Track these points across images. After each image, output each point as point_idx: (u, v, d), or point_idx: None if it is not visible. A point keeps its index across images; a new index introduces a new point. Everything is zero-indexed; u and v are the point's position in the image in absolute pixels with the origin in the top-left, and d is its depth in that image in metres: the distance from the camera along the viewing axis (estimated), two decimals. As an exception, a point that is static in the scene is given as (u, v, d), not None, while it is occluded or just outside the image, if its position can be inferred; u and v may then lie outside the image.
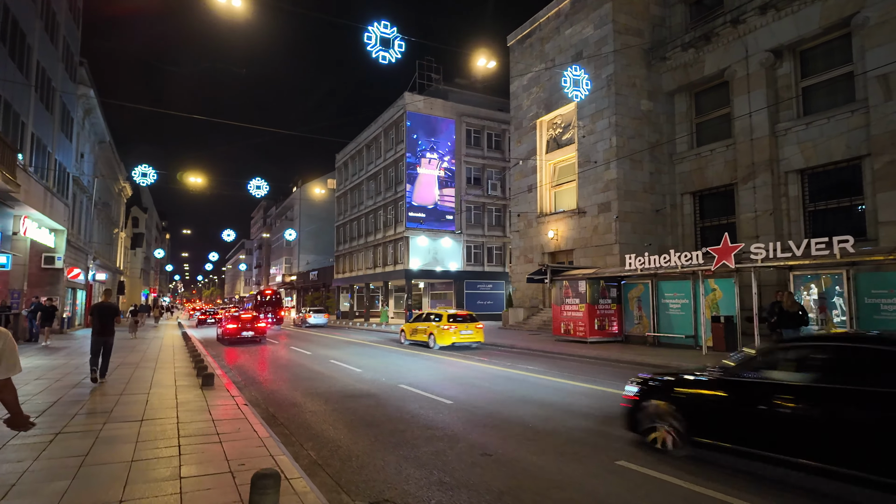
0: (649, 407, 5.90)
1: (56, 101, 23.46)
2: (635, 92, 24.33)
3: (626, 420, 6.21)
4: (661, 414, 5.74)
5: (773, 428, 4.71)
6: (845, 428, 4.28)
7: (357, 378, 11.61)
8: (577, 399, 8.90)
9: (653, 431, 5.81)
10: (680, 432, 5.53)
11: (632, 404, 6.12)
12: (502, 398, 9.02)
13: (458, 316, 18.15)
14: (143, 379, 10.59)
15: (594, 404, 8.45)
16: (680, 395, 5.67)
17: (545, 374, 11.75)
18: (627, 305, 17.87)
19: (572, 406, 8.32)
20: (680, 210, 24.53)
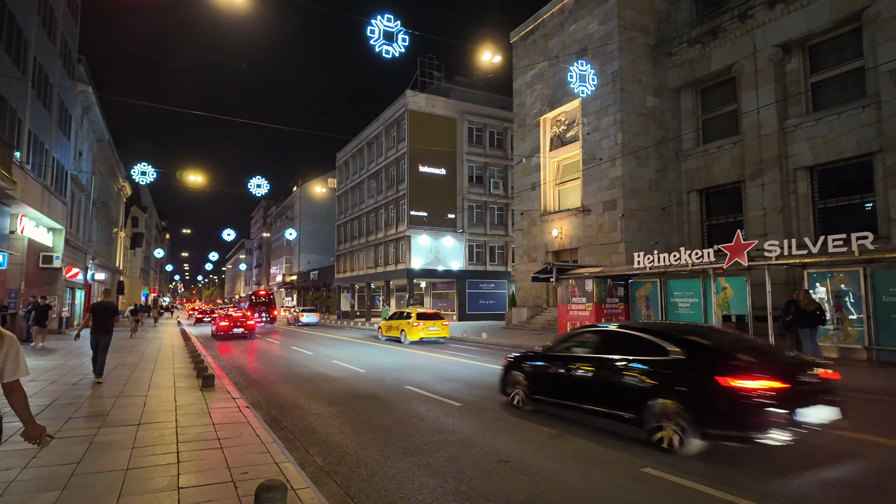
0: (510, 376, 8.10)
1: (54, 97, 23.13)
2: (641, 88, 24.02)
3: (500, 386, 8.41)
4: (517, 381, 7.91)
5: (573, 386, 6.88)
6: (609, 382, 6.33)
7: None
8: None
9: (513, 393, 8.00)
10: (527, 393, 7.69)
11: (502, 375, 8.38)
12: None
13: (426, 314, 20.45)
14: (141, 380, 10.27)
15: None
16: (525, 367, 7.79)
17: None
18: (635, 304, 17.56)
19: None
20: (686, 208, 24.22)
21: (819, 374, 5.49)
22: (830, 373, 5.59)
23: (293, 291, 71.69)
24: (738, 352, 5.75)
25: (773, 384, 5.09)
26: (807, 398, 5.22)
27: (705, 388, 5.35)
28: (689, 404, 5.44)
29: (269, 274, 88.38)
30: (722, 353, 5.76)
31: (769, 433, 4.97)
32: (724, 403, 5.19)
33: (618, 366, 6.28)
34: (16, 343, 2.78)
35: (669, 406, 5.58)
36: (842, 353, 12.34)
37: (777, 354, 6.28)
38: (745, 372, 5.22)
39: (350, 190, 51.06)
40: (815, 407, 5.19)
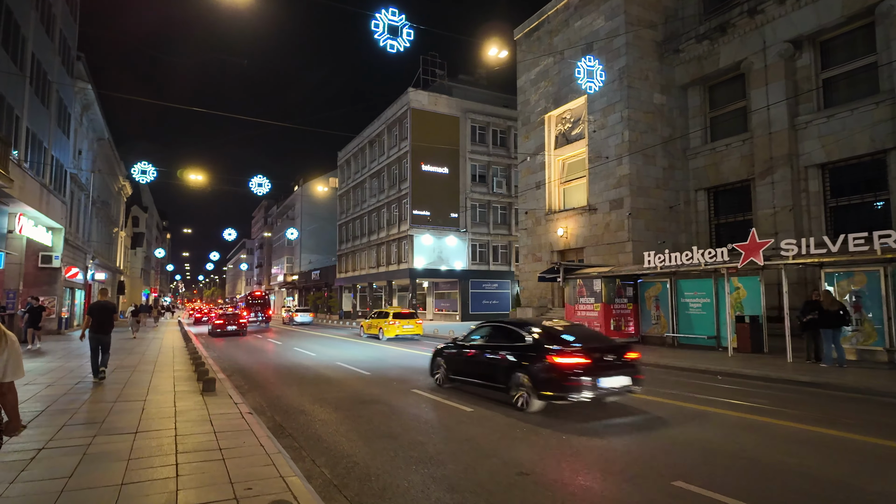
0: (435, 362, 10.21)
1: (52, 95, 22.82)
2: (648, 85, 23.66)
3: (429, 370, 10.45)
4: (440, 365, 10.00)
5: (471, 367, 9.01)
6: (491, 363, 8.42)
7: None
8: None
9: (437, 375, 10.12)
10: (446, 375, 9.80)
11: (430, 361, 10.42)
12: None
13: (402, 314, 22.79)
14: (139, 383, 9.94)
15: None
16: (444, 354, 9.97)
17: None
18: (644, 305, 17.20)
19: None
20: (694, 207, 23.87)
21: (623, 356, 7.65)
22: (635, 354, 7.79)
23: (294, 291, 71.36)
24: (568, 339, 7.79)
25: (581, 361, 7.23)
26: (607, 370, 7.31)
27: (541, 363, 7.44)
28: (532, 375, 7.53)
29: (270, 274, 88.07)
30: (553, 338, 7.77)
31: (581, 394, 7.09)
32: (550, 374, 7.27)
33: (497, 350, 8.47)
34: (16, 344, 2.83)
35: (523, 377, 7.66)
36: (860, 354, 11.98)
37: (598, 341, 8.28)
38: (565, 353, 7.36)
39: (352, 189, 50.72)
40: (614, 377, 7.32)
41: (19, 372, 2.83)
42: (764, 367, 11.46)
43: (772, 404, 8.26)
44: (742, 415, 7.51)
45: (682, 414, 7.59)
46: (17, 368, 2.82)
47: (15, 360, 2.80)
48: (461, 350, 9.41)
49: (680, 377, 11.25)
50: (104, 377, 10.10)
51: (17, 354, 2.83)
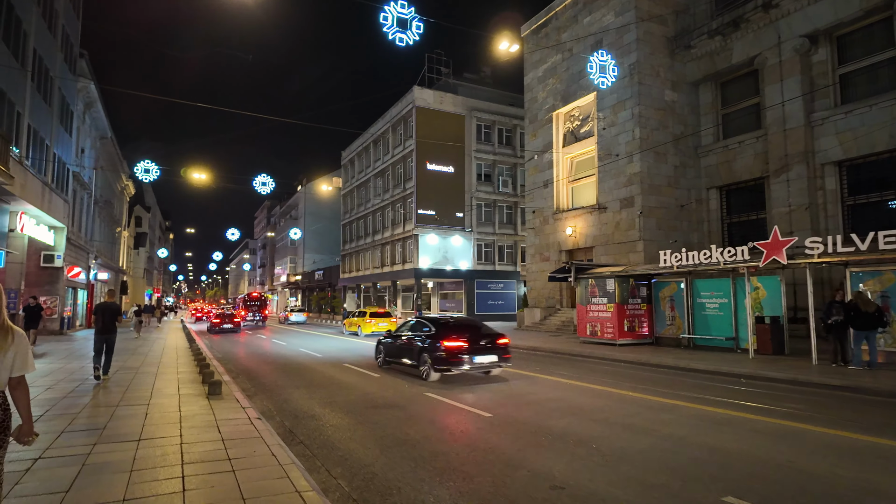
0: (377, 348, 13.03)
1: (54, 92, 22.51)
2: (659, 82, 23.25)
3: (374, 355, 13.35)
4: (380, 351, 12.84)
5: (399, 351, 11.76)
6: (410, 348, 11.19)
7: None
8: (645, 412, 7.85)
9: (379, 358, 12.87)
10: (384, 359, 12.57)
11: (375, 348, 13.36)
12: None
13: (377, 313, 25.92)
14: (143, 386, 9.58)
15: (668, 418, 7.41)
16: (383, 342, 12.79)
17: (584, 381, 10.71)
18: (658, 305, 16.79)
19: (634, 423, 7.27)
20: (706, 205, 23.44)
21: (495, 341, 10.61)
22: (505, 340, 10.79)
23: (298, 291, 71.05)
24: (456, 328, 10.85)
25: (462, 344, 10.16)
26: (480, 351, 10.28)
27: (436, 346, 10.32)
28: (431, 355, 10.40)
29: (273, 274, 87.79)
30: (447, 329, 10.78)
31: (461, 367, 10.10)
32: (442, 353, 10.15)
33: (414, 339, 11.31)
34: (24, 339, 2.89)
35: (427, 357, 10.53)
36: (888, 356, 11.56)
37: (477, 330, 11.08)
38: (451, 339, 10.28)
39: (356, 188, 50.38)
40: (485, 356, 10.30)
41: (28, 366, 2.88)
42: (789, 369, 11.05)
43: (807, 409, 7.84)
44: (776, 421, 7.10)
45: (712, 419, 7.19)
46: (25, 363, 2.86)
47: (23, 355, 2.85)
48: (395, 339, 12.25)
49: (699, 380, 10.84)
50: (107, 379, 10.26)
51: (25, 348, 2.87)
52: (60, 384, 9.74)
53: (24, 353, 2.86)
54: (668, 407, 8.11)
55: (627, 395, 9.12)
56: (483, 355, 10.24)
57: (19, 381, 2.86)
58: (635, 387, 9.97)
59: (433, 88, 39.01)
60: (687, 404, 8.27)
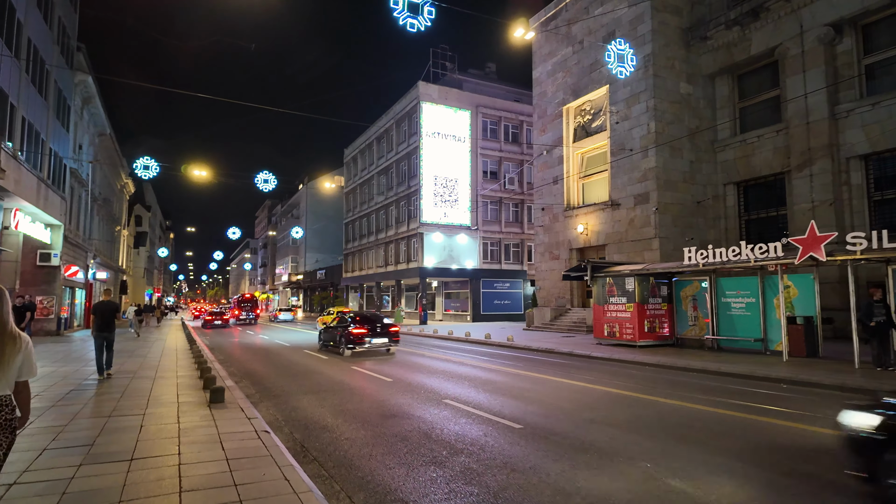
0: (320, 336, 18.60)
1: (50, 85, 21.81)
2: (674, 74, 22.52)
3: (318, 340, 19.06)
4: (320, 337, 18.61)
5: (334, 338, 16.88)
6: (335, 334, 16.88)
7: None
8: (677, 416, 7.13)
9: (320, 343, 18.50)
10: (322, 343, 18.15)
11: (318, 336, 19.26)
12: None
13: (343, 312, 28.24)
14: (139, 393, 8.87)
15: (719, 429, 6.68)
16: (322, 331, 18.37)
17: (612, 386, 9.99)
18: (680, 305, 16.05)
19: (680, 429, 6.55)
20: (722, 202, 22.70)
21: (388, 329, 16.17)
22: (396, 328, 16.48)
23: (299, 291, 70.36)
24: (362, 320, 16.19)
25: (362, 330, 15.62)
26: (376, 335, 15.79)
27: (348, 332, 15.59)
28: (345, 338, 15.63)
29: (274, 274, 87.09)
30: (355, 321, 16.07)
31: (363, 346, 15.57)
32: (351, 336, 15.48)
33: (338, 327, 16.32)
34: (30, 345, 3.03)
35: (343, 339, 15.72)
36: (934, 360, 10.82)
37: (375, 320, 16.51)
38: (356, 326, 15.73)
39: (358, 187, 49.65)
40: (379, 338, 15.80)
41: (33, 371, 3.04)
42: (833, 374, 10.32)
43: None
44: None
45: (777, 430, 6.47)
46: (31, 368, 3.02)
47: (28, 360, 2.99)
48: (328, 329, 17.51)
49: (734, 384, 10.11)
50: (110, 375, 10.59)
51: (30, 354, 3.01)
52: (51, 390, 9.02)
53: (31, 359, 3.01)
54: (718, 418, 7.38)
55: (666, 404, 8.39)
56: (378, 338, 15.78)
57: (24, 385, 3.02)
58: (671, 393, 9.25)
59: (438, 84, 38.27)
60: (736, 414, 7.55)
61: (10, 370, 2.89)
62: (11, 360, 2.89)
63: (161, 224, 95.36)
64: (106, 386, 9.59)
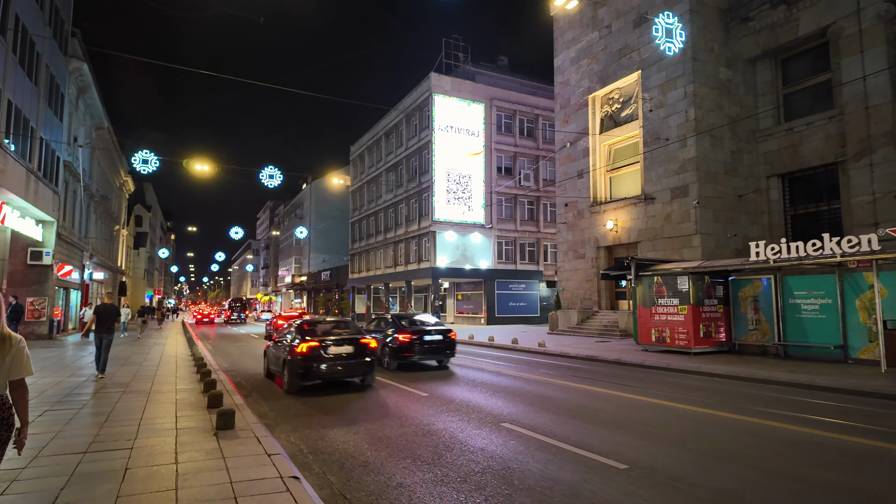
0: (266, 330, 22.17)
1: (41, 69, 20.24)
2: (713, 58, 20.89)
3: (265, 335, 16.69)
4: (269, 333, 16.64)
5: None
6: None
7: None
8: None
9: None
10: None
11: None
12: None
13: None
14: (129, 413, 7.23)
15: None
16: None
17: (687, 403, 8.33)
18: (738, 307, 14.39)
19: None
20: (765, 195, 21.03)
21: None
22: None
23: (303, 293, 68.73)
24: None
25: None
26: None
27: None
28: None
29: (276, 275, 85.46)
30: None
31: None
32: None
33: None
34: (22, 342, 3.00)
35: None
36: None
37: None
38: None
39: (366, 184, 48.04)
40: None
41: (27, 369, 2.99)
42: (957, 389, 8.66)
43: None
44: None
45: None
46: (21, 367, 2.96)
47: (20, 359, 2.95)
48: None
49: (832, 401, 8.44)
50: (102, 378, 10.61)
51: (22, 352, 2.97)
52: (21, 411, 7.36)
53: (21, 358, 2.96)
54: (869, 451, 5.72)
55: (785, 431, 6.72)
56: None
57: (19, 383, 2.99)
58: (776, 414, 7.59)
59: (451, 76, 36.65)
60: (863, 441, 5.89)
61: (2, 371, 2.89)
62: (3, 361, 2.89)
63: (162, 225, 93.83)
64: (91, 404, 7.96)
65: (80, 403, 8.02)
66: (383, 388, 10.18)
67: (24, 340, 2.99)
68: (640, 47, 22.48)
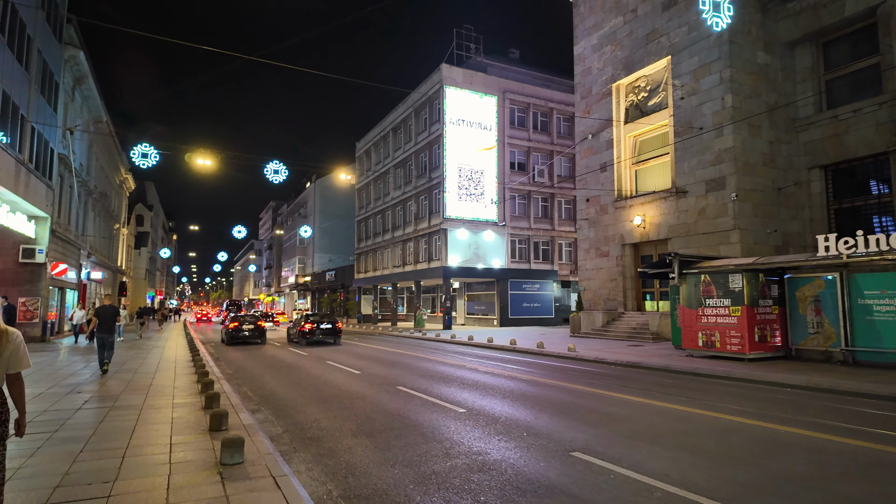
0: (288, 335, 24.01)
1: (33, 54, 18.98)
2: (750, 41, 19.51)
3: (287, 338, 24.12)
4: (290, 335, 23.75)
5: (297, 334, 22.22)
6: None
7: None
8: None
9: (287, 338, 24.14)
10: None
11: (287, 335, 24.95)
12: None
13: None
14: (114, 438, 5.91)
15: None
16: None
17: (780, 422, 6.96)
18: (795, 308, 13.00)
19: None
20: (806, 188, 19.64)
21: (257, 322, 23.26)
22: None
23: (307, 294, 67.45)
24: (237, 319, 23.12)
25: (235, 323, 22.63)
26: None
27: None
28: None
29: (280, 276, 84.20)
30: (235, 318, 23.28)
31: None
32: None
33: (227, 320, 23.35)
34: (19, 337, 3.06)
35: None
36: None
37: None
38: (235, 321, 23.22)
39: (372, 181, 46.71)
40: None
41: (24, 363, 3.05)
42: None
43: None
44: None
45: None
46: (19, 361, 3.03)
47: (16, 353, 3.01)
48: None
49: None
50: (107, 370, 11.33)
51: (18, 347, 3.02)
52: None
53: (17, 352, 3.02)
54: None
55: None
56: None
57: (16, 377, 3.08)
58: (887, 436, 6.22)
59: (463, 67, 35.29)
60: None
61: None
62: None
63: (164, 225, 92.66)
64: (70, 424, 6.64)
65: (56, 423, 6.69)
66: (406, 400, 8.80)
67: (20, 335, 3.06)
68: (669, 31, 21.12)
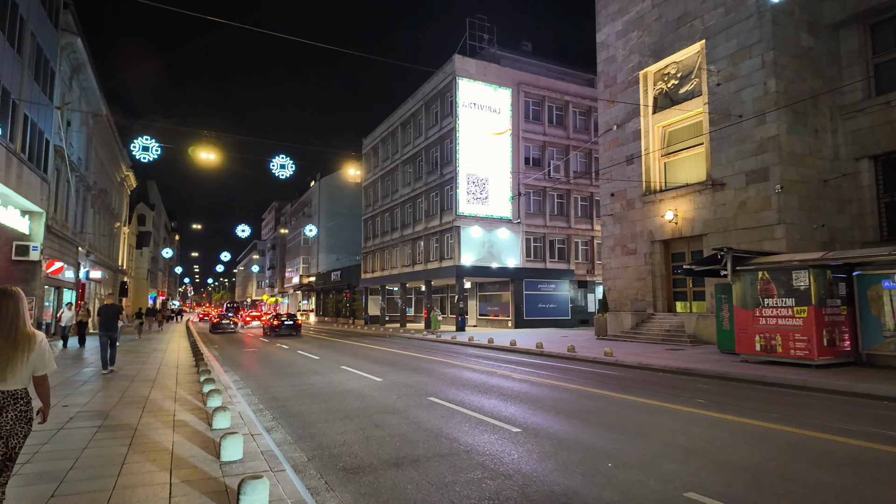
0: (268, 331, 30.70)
1: (26, 37, 17.76)
2: (794, 22, 18.19)
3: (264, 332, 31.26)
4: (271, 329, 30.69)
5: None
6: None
7: None
8: None
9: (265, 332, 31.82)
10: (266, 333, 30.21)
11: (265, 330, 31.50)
12: None
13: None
14: (96, 477, 4.62)
15: None
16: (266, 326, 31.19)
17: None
18: (867, 308, 11.67)
19: None
20: (853, 180, 18.30)
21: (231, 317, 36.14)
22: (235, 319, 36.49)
23: (311, 294, 66.20)
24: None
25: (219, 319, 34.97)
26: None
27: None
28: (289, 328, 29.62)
29: (283, 276, 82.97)
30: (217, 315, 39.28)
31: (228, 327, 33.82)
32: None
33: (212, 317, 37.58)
34: (45, 341, 3.15)
35: None
36: None
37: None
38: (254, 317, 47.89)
39: (380, 178, 45.43)
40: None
41: (49, 365, 3.19)
42: None
43: None
44: None
45: None
46: (45, 363, 3.15)
47: (42, 356, 3.12)
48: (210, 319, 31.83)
49: None
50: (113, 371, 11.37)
51: (44, 351, 3.14)
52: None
53: (43, 355, 3.13)
54: None
55: None
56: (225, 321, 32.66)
57: (42, 378, 3.19)
58: None
59: (476, 58, 33.99)
60: None
61: (26, 367, 3.03)
62: (26, 359, 3.02)
63: (166, 225, 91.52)
64: (45, 453, 5.35)
65: (29, 450, 5.40)
66: (450, 415, 7.47)
67: (45, 338, 3.15)
68: (703, 14, 19.81)
